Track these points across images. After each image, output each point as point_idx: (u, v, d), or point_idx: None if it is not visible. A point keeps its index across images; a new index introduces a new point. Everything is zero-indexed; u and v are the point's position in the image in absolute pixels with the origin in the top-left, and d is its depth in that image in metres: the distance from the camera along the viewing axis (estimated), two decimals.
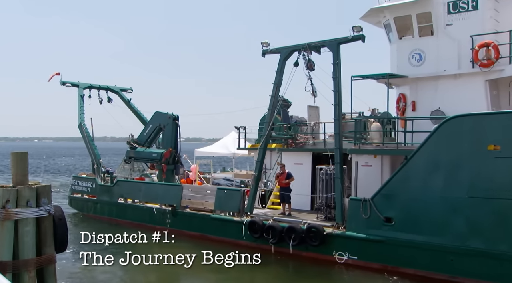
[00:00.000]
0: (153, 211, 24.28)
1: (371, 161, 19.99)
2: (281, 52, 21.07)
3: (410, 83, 19.81)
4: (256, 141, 27.80)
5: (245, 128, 27.58)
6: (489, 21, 18.25)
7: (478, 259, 14.81)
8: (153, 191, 25.12)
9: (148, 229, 24.17)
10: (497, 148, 14.72)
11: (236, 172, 30.68)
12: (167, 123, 26.99)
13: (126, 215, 25.99)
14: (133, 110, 33.73)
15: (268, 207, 23.25)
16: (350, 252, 17.66)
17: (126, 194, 26.40)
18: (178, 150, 26.98)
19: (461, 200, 15.24)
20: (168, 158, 26.23)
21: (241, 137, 27.48)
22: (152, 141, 28.38)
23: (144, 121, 32.59)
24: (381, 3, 20.29)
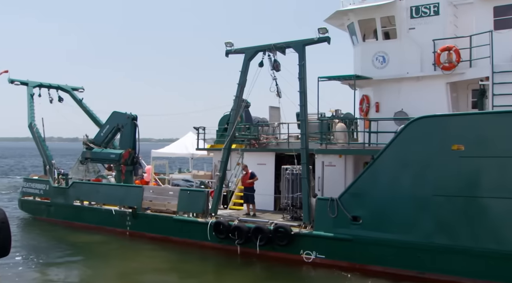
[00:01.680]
0: (112, 213, 23.65)
1: (335, 161, 20.30)
2: (245, 53, 21.00)
3: (374, 85, 20.25)
4: (216, 141, 27.67)
5: (204, 129, 27.41)
6: (449, 26, 18.95)
7: (444, 255, 15.28)
8: (112, 193, 24.46)
9: (107, 232, 23.68)
10: (460, 147, 15.23)
11: (194, 172, 30.31)
12: (125, 123, 26.36)
13: (82, 217, 25.19)
14: (85, 110, 32.84)
15: (230, 207, 23.14)
16: (317, 251, 17.82)
17: (83, 196, 25.59)
18: (137, 151, 26.41)
19: (427, 198, 15.67)
20: (127, 158, 25.62)
21: (200, 138, 27.27)
22: (109, 141, 27.65)
23: (97, 122, 31.79)
24: (345, 6, 20.66)
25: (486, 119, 15.25)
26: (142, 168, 27.36)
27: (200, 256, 19.72)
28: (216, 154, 26.87)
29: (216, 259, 19.33)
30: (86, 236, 23.29)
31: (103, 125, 28.23)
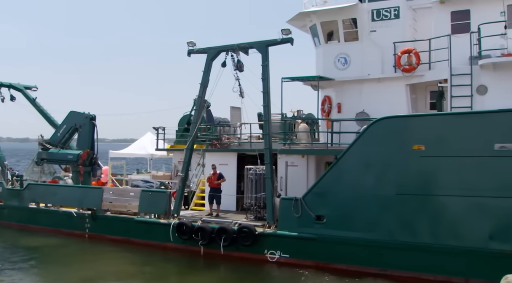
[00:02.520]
0: (71, 216, 23.05)
1: (297, 161, 20.51)
2: (208, 53, 20.94)
3: (336, 86, 20.57)
4: (175, 142, 27.45)
5: (164, 129, 27.17)
6: (409, 29, 19.49)
7: (406, 252, 15.68)
8: (70, 194, 23.85)
9: (65, 235, 23.08)
10: (421, 147, 15.68)
11: (153, 173, 29.94)
12: (83, 123, 25.76)
13: (39, 220, 24.44)
14: (38, 109, 31.83)
15: (191, 208, 23.01)
16: (282, 251, 17.95)
17: (39, 198, 24.84)
18: (96, 151, 25.86)
19: (390, 197, 16.05)
20: (86, 159, 25.07)
21: (159, 138, 27.01)
22: (66, 142, 26.93)
23: (51, 122, 30.91)
24: (307, 8, 20.89)
25: (445, 120, 15.76)
26: (101, 169, 26.79)
27: (163, 257, 19.52)
28: (176, 154, 26.69)
29: (179, 260, 19.15)
30: (43, 239, 22.59)
31: (59, 125, 27.47)
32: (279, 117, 21.51)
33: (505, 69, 16.68)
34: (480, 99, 17.00)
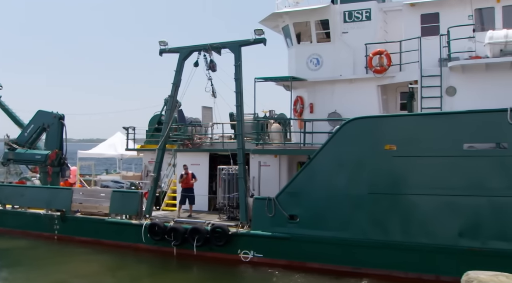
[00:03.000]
0: (40, 217, 22.57)
1: (270, 161, 20.62)
2: (180, 52, 20.86)
3: (308, 86, 20.74)
4: (146, 142, 27.23)
5: (134, 129, 26.92)
6: (380, 31, 19.81)
7: (378, 250, 15.94)
8: (39, 195, 23.31)
9: (33, 237, 22.58)
10: (393, 147, 15.97)
11: (123, 173, 29.63)
12: (51, 122, 25.23)
13: (6, 222, 23.79)
14: (3, 108, 31.07)
15: (162, 208, 22.85)
16: (255, 250, 17.98)
17: (5, 199, 24.19)
18: (64, 151, 25.38)
19: (362, 197, 16.28)
20: (54, 159, 24.55)
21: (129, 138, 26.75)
22: (34, 142, 26.32)
23: (17, 121, 30.24)
24: (280, 9, 21.01)
25: (416, 121, 16.10)
26: (70, 169, 26.32)
27: (135, 259, 19.31)
28: (147, 154, 26.48)
29: (152, 261, 18.98)
30: (10, 242, 22.04)
31: (27, 125, 26.81)
32: (251, 117, 21.60)
33: (473, 71, 17.13)
34: (449, 100, 17.41)
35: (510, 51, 16.08)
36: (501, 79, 16.62)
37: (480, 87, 16.82)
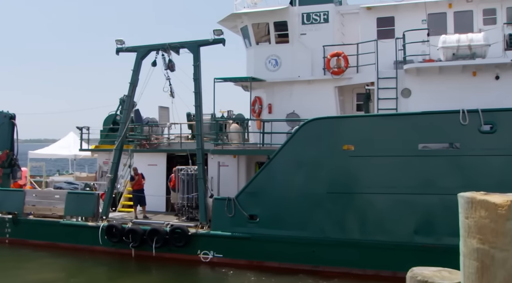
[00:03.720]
0: None
1: (228, 161, 20.64)
2: (137, 51, 20.63)
3: (266, 87, 20.89)
4: (100, 142, 26.71)
5: (88, 129, 26.35)
6: (337, 33, 20.17)
7: (337, 248, 16.25)
8: None
9: None
10: (350, 147, 16.32)
11: (77, 174, 28.94)
12: (2, 122, 24.37)
13: None
14: None
15: (119, 210, 22.49)
16: (215, 251, 17.98)
17: None
18: (16, 152, 24.58)
19: (321, 196, 16.56)
20: (5, 160, 23.74)
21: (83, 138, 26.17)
22: None
23: None
24: (238, 9, 21.07)
25: (373, 122, 16.53)
26: (21, 170, 25.49)
27: (91, 262, 18.92)
28: (101, 154, 25.98)
29: (110, 264, 18.69)
30: None
31: None
32: (209, 117, 21.58)
33: (427, 74, 17.72)
34: (404, 101, 17.94)
35: (462, 55, 16.74)
36: (454, 82, 17.27)
37: (433, 89, 17.41)
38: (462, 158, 15.17)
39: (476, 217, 5.01)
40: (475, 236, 5.02)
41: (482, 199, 4.98)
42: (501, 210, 4.78)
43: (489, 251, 4.88)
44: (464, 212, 5.16)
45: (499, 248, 4.83)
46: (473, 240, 5.04)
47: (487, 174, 14.72)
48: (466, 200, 5.12)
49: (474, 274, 5.01)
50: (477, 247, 4.98)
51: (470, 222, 5.08)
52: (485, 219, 4.90)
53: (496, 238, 4.81)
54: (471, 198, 5.07)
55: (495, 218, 4.83)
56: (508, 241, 4.79)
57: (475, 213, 5.00)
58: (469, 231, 5.09)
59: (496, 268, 4.84)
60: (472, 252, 5.06)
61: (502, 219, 4.79)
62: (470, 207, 5.07)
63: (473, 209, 5.02)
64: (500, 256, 4.81)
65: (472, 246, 5.05)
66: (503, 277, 4.83)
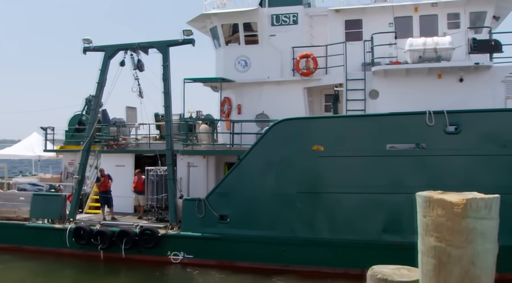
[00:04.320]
0: None
1: (198, 162, 20.62)
2: (105, 51, 20.42)
3: (236, 87, 20.94)
4: (65, 143, 26.25)
5: (53, 129, 25.87)
6: (306, 35, 20.39)
7: (307, 247, 16.46)
8: None
9: None
10: (320, 148, 16.57)
11: (41, 175, 28.29)
12: None
13: None
14: None
15: (85, 211, 22.16)
16: (185, 252, 17.95)
17: None
18: None
19: (291, 196, 16.73)
20: None
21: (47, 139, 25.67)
22: None
23: None
24: (208, 10, 21.06)
25: (343, 122, 16.83)
26: None
27: (59, 265, 18.57)
28: (66, 155, 25.54)
29: (77, 266, 18.40)
30: None
31: None
32: (177, 117, 21.50)
33: (395, 76, 18.13)
34: (372, 103, 18.30)
35: (428, 58, 17.20)
36: (420, 84, 17.73)
37: (400, 91, 17.83)
38: (428, 158, 15.59)
39: (433, 215, 5.16)
40: (432, 234, 5.17)
41: (439, 198, 5.15)
42: (457, 208, 4.95)
43: (446, 248, 5.03)
44: (422, 210, 5.32)
45: (455, 246, 4.98)
46: (431, 238, 5.19)
47: (452, 174, 15.17)
48: (424, 199, 5.28)
49: (432, 271, 5.18)
50: (434, 245, 5.13)
51: (428, 220, 5.24)
52: (442, 217, 5.05)
53: (452, 236, 4.96)
54: (428, 197, 5.23)
55: (451, 216, 4.99)
56: (464, 239, 4.95)
57: (433, 211, 5.16)
58: (426, 229, 5.25)
59: (452, 265, 5.01)
60: (429, 249, 5.21)
61: (458, 217, 4.95)
62: (428, 205, 5.23)
63: (430, 207, 5.19)
64: (456, 253, 4.97)
65: (430, 244, 5.21)
66: (459, 273, 5.01)
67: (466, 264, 4.99)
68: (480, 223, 4.95)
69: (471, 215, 4.91)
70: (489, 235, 5.06)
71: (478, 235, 4.94)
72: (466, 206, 4.93)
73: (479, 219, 4.94)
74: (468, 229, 4.92)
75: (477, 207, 4.93)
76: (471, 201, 4.92)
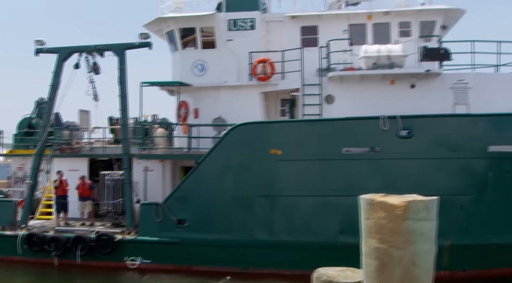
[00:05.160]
0: None
1: (154, 166, 20.53)
2: (59, 53, 20.06)
3: (193, 91, 20.94)
4: (14, 147, 25.49)
5: (2, 133, 25.07)
6: (263, 40, 20.64)
7: (265, 250, 16.67)
8: None
9: None
10: (278, 151, 16.85)
11: None
12: None
13: None
14: None
15: (37, 217, 21.59)
16: (143, 256, 17.83)
17: None
18: None
19: (250, 199, 16.92)
20: None
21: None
22: None
23: None
24: (164, 13, 20.99)
25: (300, 126, 17.20)
26: None
27: (10, 273, 18.09)
28: (15, 159, 24.79)
29: (30, 274, 18.00)
30: None
31: None
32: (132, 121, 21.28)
33: (350, 82, 18.62)
34: (328, 107, 18.72)
35: (382, 65, 17.79)
36: (374, 89, 18.28)
37: (355, 96, 18.32)
38: (382, 161, 16.14)
39: (375, 218, 5.36)
40: (374, 236, 5.36)
41: (381, 200, 5.37)
42: (398, 210, 5.18)
43: (387, 249, 5.22)
44: (365, 213, 5.52)
45: (396, 247, 5.19)
46: (373, 239, 5.38)
47: (405, 176, 15.77)
48: (366, 202, 5.49)
49: (374, 272, 5.39)
50: (377, 247, 5.33)
51: (370, 222, 5.42)
52: (383, 219, 5.23)
53: (394, 237, 5.15)
54: (370, 200, 5.44)
55: (392, 218, 5.20)
56: (404, 240, 5.14)
57: (375, 214, 5.35)
58: (369, 231, 5.43)
59: (394, 265, 5.23)
60: (372, 251, 5.40)
61: (399, 219, 5.17)
62: (370, 208, 5.43)
63: (372, 210, 5.38)
64: (397, 254, 5.18)
65: (372, 245, 5.39)
66: (400, 274, 5.23)
67: (407, 265, 5.18)
68: (420, 224, 5.14)
69: (411, 217, 5.09)
70: (428, 235, 5.24)
71: (418, 236, 5.13)
72: (406, 208, 5.12)
73: (418, 221, 5.12)
74: (408, 231, 5.10)
75: (417, 209, 5.12)
76: (411, 203, 5.11)
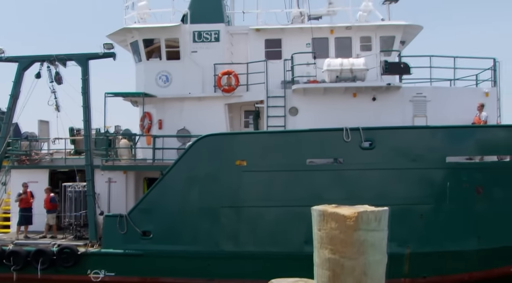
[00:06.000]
0: None
1: (117, 177, 20.30)
2: (19, 62, 19.71)
3: (157, 102, 20.90)
4: None
5: None
6: (227, 52, 20.86)
7: (231, 261, 16.73)
8: None
9: None
10: (243, 163, 17.02)
11: None
12: None
13: None
14: None
15: None
16: (106, 269, 17.57)
17: None
18: None
19: (215, 210, 16.99)
20: None
21: None
22: None
23: None
24: (128, 24, 20.94)
25: (265, 138, 17.44)
26: None
27: None
28: None
29: None
30: None
31: None
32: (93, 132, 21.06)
33: (313, 94, 19.04)
34: (292, 119, 19.07)
35: (344, 78, 18.29)
36: (337, 102, 18.75)
37: (319, 108, 18.74)
38: (345, 172, 16.53)
39: (327, 228, 5.47)
40: (326, 246, 5.46)
41: (333, 211, 5.51)
42: (349, 221, 5.31)
43: (339, 260, 5.33)
44: (317, 224, 5.64)
45: (348, 257, 5.31)
46: (325, 250, 5.49)
47: (367, 187, 16.17)
48: (319, 213, 5.63)
49: (327, 282, 5.61)
50: (329, 257, 5.44)
51: (322, 233, 5.53)
52: (335, 230, 5.36)
53: (345, 248, 5.29)
54: (323, 211, 5.58)
55: (344, 229, 5.31)
56: (356, 250, 5.28)
57: (327, 225, 5.47)
58: (321, 242, 5.55)
59: (346, 276, 5.36)
60: (324, 262, 5.51)
61: (350, 230, 5.28)
62: (322, 219, 5.55)
63: (324, 221, 5.51)
64: (349, 264, 5.31)
65: (324, 256, 5.50)
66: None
67: (358, 275, 5.30)
68: (371, 235, 5.29)
69: (362, 227, 5.24)
70: (379, 246, 5.40)
71: (369, 247, 5.27)
72: (357, 219, 5.24)
73: (369, 231, 5.27)
74: (359, 241, 5.25)
75: (368, 220, 5.26)
76: (362, 214, 5.26)
